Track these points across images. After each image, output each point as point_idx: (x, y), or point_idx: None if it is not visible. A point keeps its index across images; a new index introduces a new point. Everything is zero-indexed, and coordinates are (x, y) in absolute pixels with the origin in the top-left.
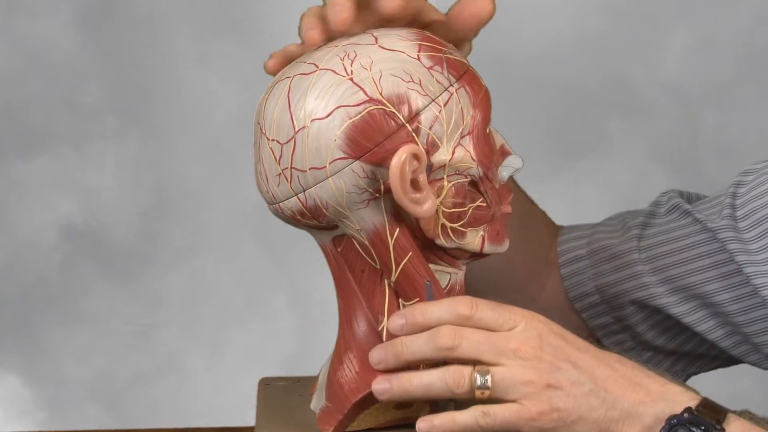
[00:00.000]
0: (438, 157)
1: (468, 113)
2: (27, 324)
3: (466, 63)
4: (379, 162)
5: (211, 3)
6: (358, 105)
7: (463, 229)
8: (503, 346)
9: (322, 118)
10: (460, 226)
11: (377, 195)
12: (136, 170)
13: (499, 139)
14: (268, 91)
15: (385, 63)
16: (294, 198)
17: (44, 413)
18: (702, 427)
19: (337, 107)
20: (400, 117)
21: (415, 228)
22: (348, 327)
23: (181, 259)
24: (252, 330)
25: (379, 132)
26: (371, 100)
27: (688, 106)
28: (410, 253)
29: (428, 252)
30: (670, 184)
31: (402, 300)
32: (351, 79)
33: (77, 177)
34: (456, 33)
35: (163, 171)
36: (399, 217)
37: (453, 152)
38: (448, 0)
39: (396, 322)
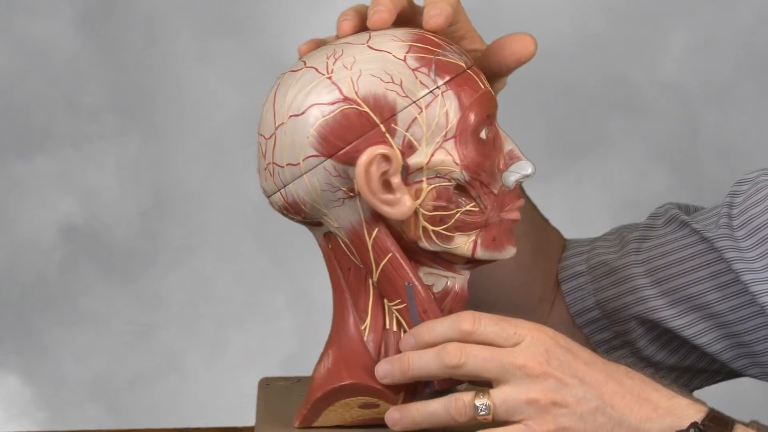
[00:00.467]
0: (415, 159)
1: (454, 116)
2: (27, 324)
3: (463, 66)
4: (351, 161)
5: (211, 3)
6: (332, 104)
7: (449, 233)
8: (509, 363)
9: (298, 115)
10: (445, 230)
11: (351, 194)
12: (136, 170)
13: (509, 144)
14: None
15: (367, 63)
16: (278, 193)
17: (44, 413)
18: None
19: (312, 105)
20: (374, 117)
21: (398, 229)
22: (335, 324)
23: (181, 259)
24: (252, 330)
25: (351, 131)
26: (345, 100)
27: (688, 106)
28: (390, 254)
29: (420, 255)
30: (670, 184)
31: (386, 301)
32: (329, 78)
33: (77, 177)
34: (492, 66)
35: (163, 171)
36: (378, 217)
37: (432, 155)
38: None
39: (407, 342)
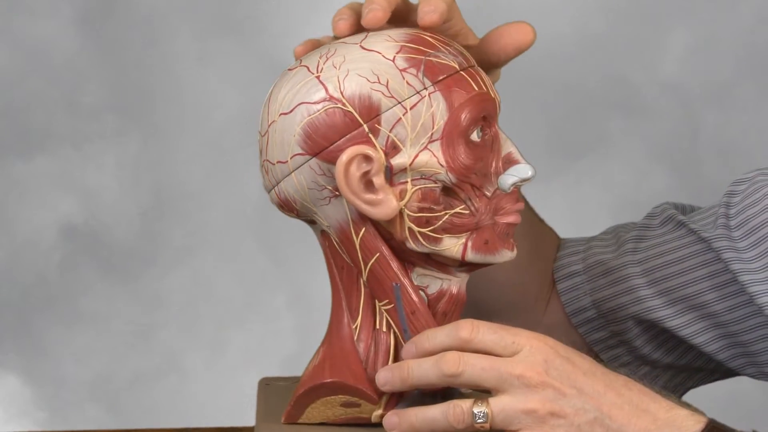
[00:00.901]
0: (398, 160)
1: (441, 118)
2: (27, 324)
3: (455, 67)
4: (334, 160)
5: (211, 3)
6: (318, 103)
7: (437, 235)
8: (507, 373)
9: (287, 113)
10: (432, 232)
11: (337, 193)
12: (136, 170)
13: (508, 147)
14: None
15: (356, 63)
16: (273, 191)
17: (44, 413)
18: None
19: (300, 104)
20: (357, 117)
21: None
22: (331, 321)
23: (181, 259)
24: (252, 330)
25: (335, 130)
26: (330, 99)
27: (688, 106)
28: (377, 254)
29: (413, 256)
30: (670, 184)
31: (377, 301)
32: (318, 77)
33: (77, 177)
34: (490, 56)
35: (163, 171)
36: (364, 217)
37: (416, 156)
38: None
39: (408, 350)
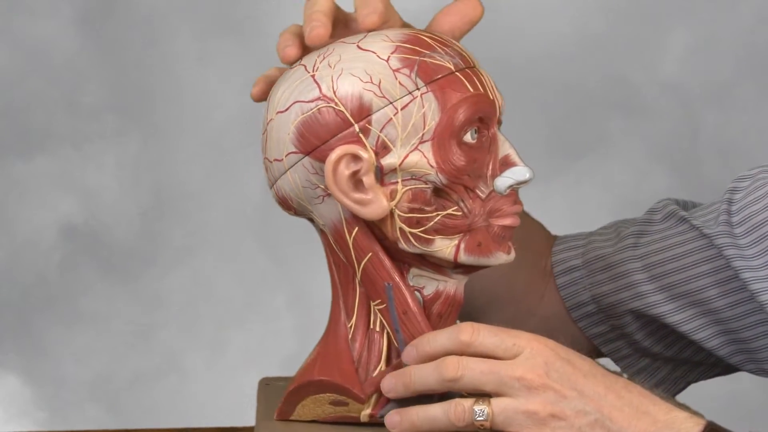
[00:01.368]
0: (388, 160)
1: (432, 119)
2: (27, 324)
3: (450, 68)
4: (324, 159)
5: (211, 3)
6: (311, 101)
7: (428, 236)
8: (507, 376)
9: (283, 112)
10: (423, 232)
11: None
12: (136, 170)
13: (506, 149)
14: None
15: (351, 62)
16: (272, 188)
17: (44, 413)
18: None
19: (295, 102)
20: (348, 116)
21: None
22: (329, 319)
23: (181, 259)
24: (252, 330)
25: (327, 129)
26: (323, 98)
27: (688, 106)
28: (370, 254)
29: (408, 256)
30: (670, 184)
31: (371, 300)
32: (313, 76)
33: (77, 177)
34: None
35: (163, 171)
36: (357, 216)
37: (406, 156)
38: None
39: (409, 353)
